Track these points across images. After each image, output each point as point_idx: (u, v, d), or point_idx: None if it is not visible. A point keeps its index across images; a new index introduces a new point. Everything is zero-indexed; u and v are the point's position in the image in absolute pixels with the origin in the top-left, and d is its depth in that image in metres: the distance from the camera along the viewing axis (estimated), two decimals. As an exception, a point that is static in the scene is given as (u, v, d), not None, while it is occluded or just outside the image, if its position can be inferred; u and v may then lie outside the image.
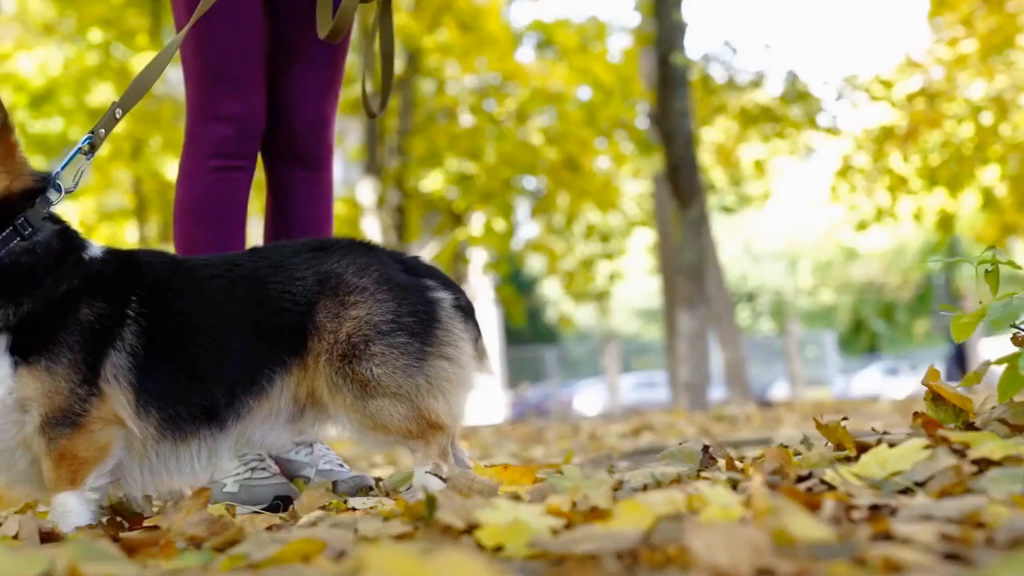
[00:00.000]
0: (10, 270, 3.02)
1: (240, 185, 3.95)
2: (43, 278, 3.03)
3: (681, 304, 17.79)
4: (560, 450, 8.30)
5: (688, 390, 17.61)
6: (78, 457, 3.03)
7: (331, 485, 3.66)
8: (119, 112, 3.48)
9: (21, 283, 3.02)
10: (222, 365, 3.20)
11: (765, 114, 20.63)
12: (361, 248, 3.42)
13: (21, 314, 2.99)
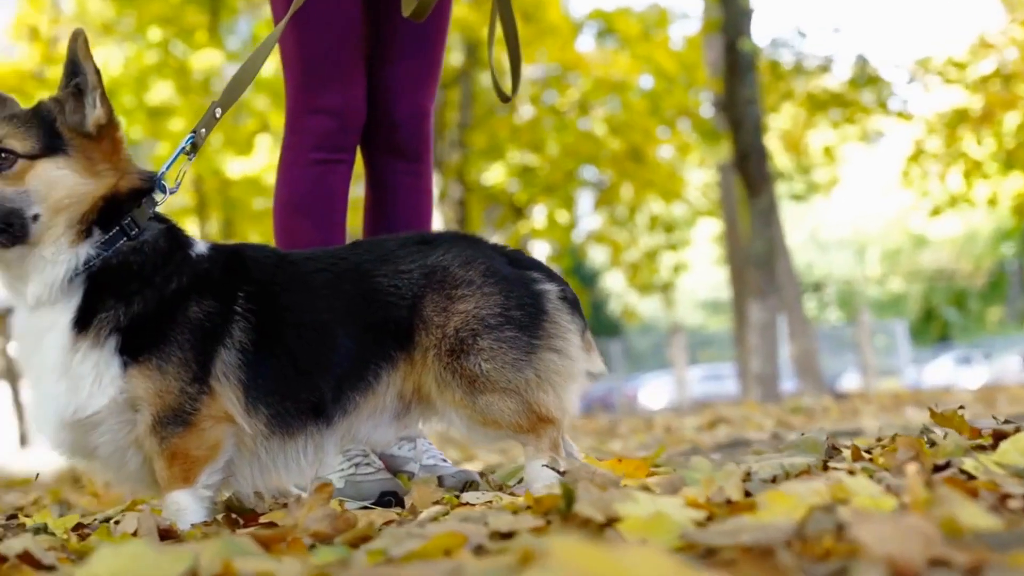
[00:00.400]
0: (119, 270, 3.05)
1: (341, 178, 3.97)
2: (152, 277, 3.06)
3: (751, 294, 17.69)
4: (638, 444, 8.28)
5: (760, 382, 17.51)
6: (190, 455, 3.06)
7: (437, 480, 3.67)
8: (219, 111, 3.51)
9: (130, 283, 3.04)
10: (329, 360, 3.21)
11: (834, 99, 20.43)
12: (465, 241, 3.43)
13: (131, 314, 3.01)
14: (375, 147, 4.10)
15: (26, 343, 3.09)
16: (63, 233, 3.03)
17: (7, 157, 3.00)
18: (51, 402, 3.03)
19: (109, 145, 3.12)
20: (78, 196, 3.04)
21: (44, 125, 3.07)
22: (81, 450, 3.10)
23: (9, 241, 2.97)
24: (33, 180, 3.01)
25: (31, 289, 3.02)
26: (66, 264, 3.02)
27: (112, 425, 3.05)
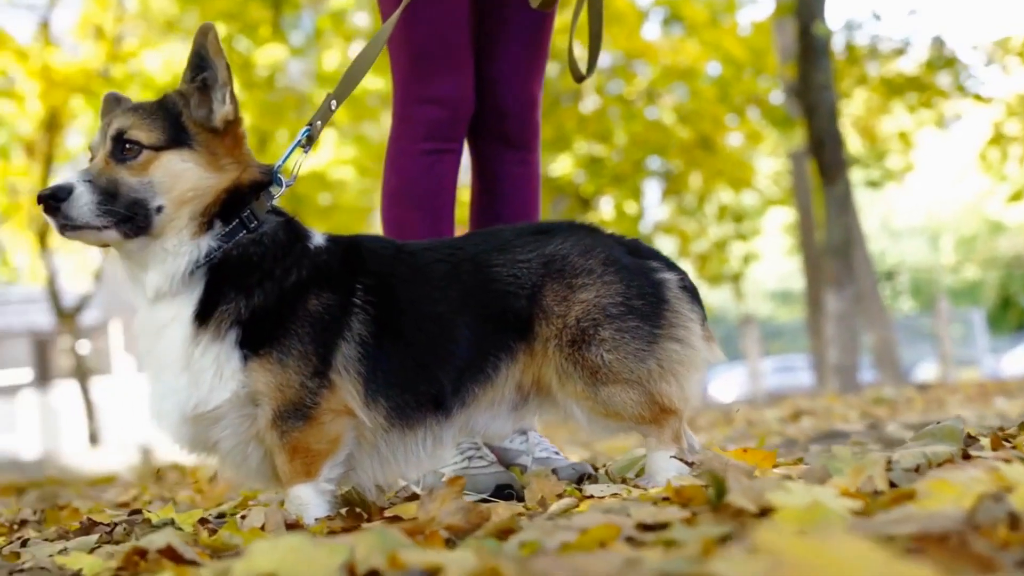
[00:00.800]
0: (239, 262, 3.08)
1: (450, 168, 3.97)
2: (272, 269, 3.08)
3: (827, 284, 17.53)
4: (724, 437, 8.22)
5: (838, 373, 17.34)
6: (311, 449, 3.07)
7: (550, 473, 3.66)
8: (334, 103, 3.52)
9: (250, 275, 3.06)
10: (448, 352, 3.21)
11: (910, 83, 20.18)
12: (583, 229, 3.42)
13: (252, 307, 3.03)
14: (483, 136, 4.10)
15: (146, 337, 3.12)
16: (186, 225, 3.06)
17: (132, 147, 3.04)
18: (172, 396, 3.06)
19: (232, 140, 3.16)
20: (202, 189, 3.07)
21: (169, 118, 3.11)
22: (202, 444, 3.13)
23: (132, 231, 3.00)
24: (157, 171, 3.05)
25: (151, 280, 3.05)
26: (187, 256, 3.05)
27: (233, 419, 3.07)
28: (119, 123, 3.07)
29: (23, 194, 24.56)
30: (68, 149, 25.53)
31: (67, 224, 2.95)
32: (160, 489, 6.70)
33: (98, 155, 3.07)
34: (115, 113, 3.12)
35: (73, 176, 2.98)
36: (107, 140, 3.06)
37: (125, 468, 15.99)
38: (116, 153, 3.05)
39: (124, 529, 3.08)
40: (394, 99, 4.02)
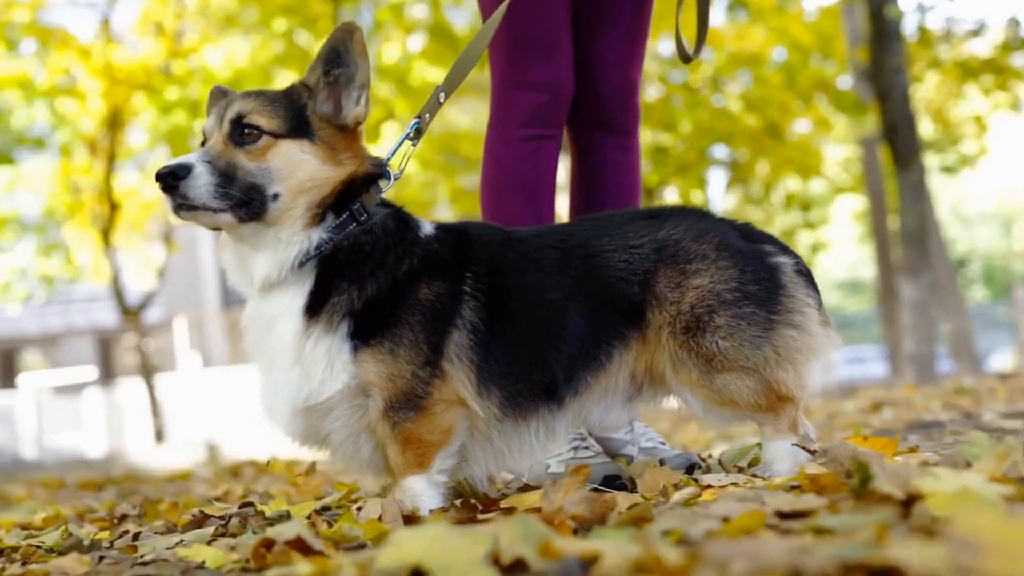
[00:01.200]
0: (350, 253, 3.07)
1: (550, 154, 3.95)
2: (384, 260, 3.07)
3: (902, 272, 17.34)
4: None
5: (914, 363, 17.15)
6: (423, 440, 3.06)
7: (658, 463, 3.63)
8: (442, 96, 3.52)
9: (362, 266, 3.06)
10: (560, 340, 3.18)
11: (985, 66, 19.92)
12: (695, 214, 3.38)
13: (363, 298, 3.02)
14: (583, 122, 4.08)
15: (257, 329, 3.12)
16: (301, 215, 3.06)
17: (252, 132, 3.05)
18: (283, 389, 3.06)
19: (353, 135, 3.18)
20: (319, 180, 3.08)
21: (293, 108, 3.12)
22: (313, 437, 3.13)
23: (248, 216, 3.00)
24: (276, 158, 3.05)
25: (260, 270, 3.05)
26: (299, 246, 3.05)
27: (344, 411, 3.06)
28: (239, 106, 3.08)
29: (86, 192, 24.83)
30: (130, 147, 25.77)
31: (183, 204, 2.94)
32: (239, 483, 6.74)
33: (214, 138, 3.07)
34: (233, 97, 3.13)
35: (192, 156, 2.98)
36: (224, 123, 3.06)
37: (193, 464, 16.13)
38: (234, 136, 3.05)
39: (239, 522, 3.08)
40: (492, 86, 4.00)
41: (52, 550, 3.10)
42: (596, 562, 1.77)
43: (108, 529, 3.86)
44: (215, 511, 3.50)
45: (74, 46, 23.46)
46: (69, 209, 24.84)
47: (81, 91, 23.90)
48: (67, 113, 24.37)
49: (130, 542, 3.11)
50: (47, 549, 3.13)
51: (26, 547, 3.13)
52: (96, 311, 36.83)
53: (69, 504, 6.21)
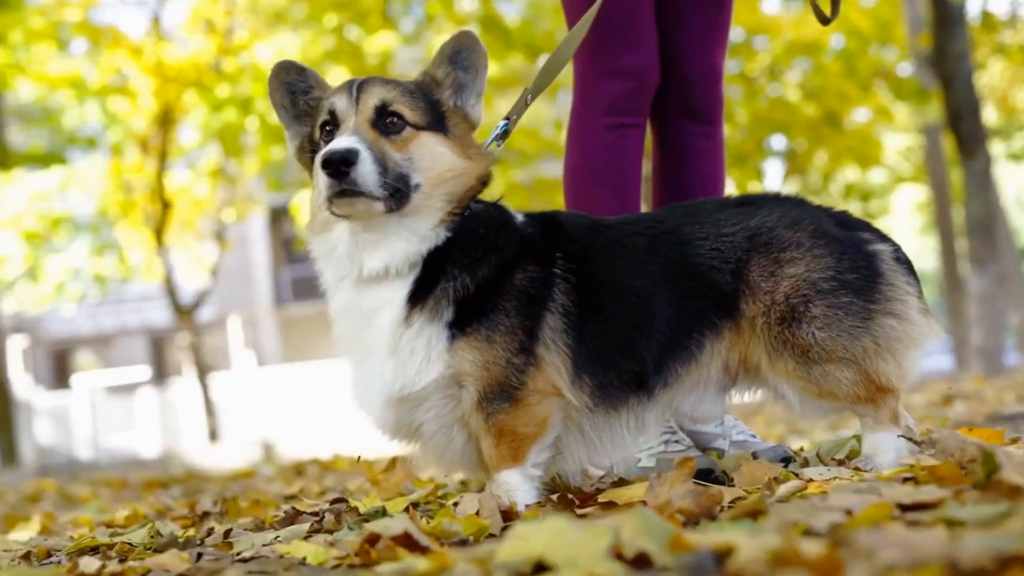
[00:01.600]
0: (456, 245, 3.05)
1: (635, 143, 3.92)
2: (489, 249, 3.06)
3: (969, 263, 17.15)
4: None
5: (982, 355, 16.93)
6: (518, 433, 3.04)
7: (751, 457, 3.60)
8: (529, 97, 3.51)
9: (467, 255, 3.04)
10: (650, 328, 3.16)
11: (1051, 50, 19.67)
12: (789, 201, 3.34)
13: (465, 286, 3.02)
14: (667, 110, 4.04)
15: (351, 321, 3.10)
16: (439, 209, 3.05)
17: (395, 122, 3.03)
18: (377, 380, 3.05)
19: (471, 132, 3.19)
20: (457, 173, 3.06)
21: (429, 101, 3.12)
22: (406, 429, 3.11)
23: (395, 205, 2.97)
24: (418, 150, 3.04)
25: (377, 261, 3.02)
26: (431, 241, 3.03)
27: (437, 401, 3.04)
28: (382, 94, 3.05)
29: (138, 191, 25.01)
30: (181, 145, 25.94)
31: (347, 190, 2.89)
32: (307, 481, 6.76)
33: (353, 121, 3.02)
34: (369, 81, 3.10)
35: (351, 140, 2.92)
36: (367, 108, 3.03)
37: (249, 463, 16.22)
38: (379, 124, 3.03)
39: (334, 518, 3.08)
40: (575, 76, 3.97)
41: (149, 547, 3.11)
42: (731, 555, 1.75)
43: (192, 526, 3.87)
44: (305, 507, 3.50)
45: (125, 44, 23.63)
46: (121, 208, 25.02)
47: (132, 90, 24.07)
48: (118, 112, 24.55)
49: (221, 539, 3.11)
50: (144, 547, 3.14)
51: (121, 544, 3.14)
52: (148, 310, 37.09)
53: (138, 503, 6.25)
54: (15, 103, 27.45)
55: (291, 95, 3.22)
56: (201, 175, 25.90)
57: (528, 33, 23.56)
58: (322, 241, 3.13)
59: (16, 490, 11.15)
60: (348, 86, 3.10)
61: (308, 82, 3.22)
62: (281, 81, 3.22)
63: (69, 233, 25.17)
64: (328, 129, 3.07)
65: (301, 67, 3.23)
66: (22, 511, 7.43)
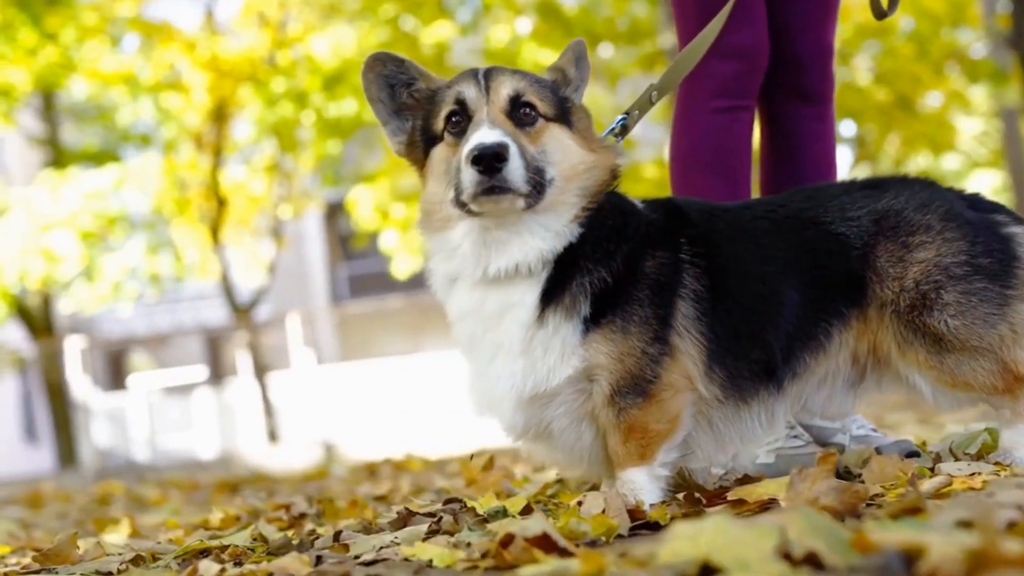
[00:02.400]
0: (588, 238, 3.00)
1: (745, 127, 3.85)
2: (619, 239, 3.01)
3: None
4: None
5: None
6: (648, 430, 2.98)
7: (874, 452, 3.52)
8: (655, 96, 3.45)
9: (599, 247, 2.99)
10: (778, 316, 3.10)
11: None
12: (918, 183, 3.26)
13: (599, 279, 2.96)
14: (776, 90, 3.97)
15: (476, 322, 3.04)
16: (573, 204, 2.99)
17: (530, 114, 2.99)
18: (506, 381, 3.00)
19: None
20: (588, 166, 3.01)
21: (554, 92, 3.08)
22: (535, 428, 3.06)
23: (534, 201, 2.92)
24: (550, 142, 3.00)
25: (503, 261, 2.96)
26: (565, 238, 2.97)
27: (569, 396, 2.99)
28: (514, 84, 3.01)
29: (192, 188, 25.13)
30: (235, 141, 26.05)
31: (496, 187, 2.83)
32: (388, 481, 6.73)
33: (484, 112, 2.96)
34: (501, 72, 3.05)
35: (497, 133, 2.86)
36: (500, 99, 2.98)
37: (311, 464, 16.26)
38: (514, 115, 2.98)
39: (451, 518, 3.03)
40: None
41: (270, 552, 3.08)
42: (922, 556, 1.68)
43: (288, 528, 3.84)
44: (417, 507, 3.45)
45: (179, 39, 23.75)
46: (176, 206, 25.14)
47: (186, 85, 24.20)
48: (172, 108, 24.70)
49: (332, 541, 3.07)
50: (257, 550, 3.11)
51: (234, 548, 3.11)
52: (204, 309, 37.33)
53: (214, 505, 6.24)
54: (68, 101, 27.72)
55: (389, 88, 3.16)
56: (256, 171, 25.98)
57: (588, 21, 23.43)
58: (442, 239, 3.06)
59: (83, 492, 11.23)
60: (473, 75, 3.04)
61: (409, 73, 3.15)
62: (378, 74, 3.15)
63: (125, 232, 25.32)
64: (455, 120, 3.00)
65: (400, 58, 3.16)
66: (95, 514, 7.46)
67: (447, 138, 3.01)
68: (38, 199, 23.90)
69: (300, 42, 24.41)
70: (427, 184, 3.07)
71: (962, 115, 26.83)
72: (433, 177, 3.03)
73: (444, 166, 3.00)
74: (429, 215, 3.07)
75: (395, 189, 25.65)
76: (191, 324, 37.45)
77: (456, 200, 2.92)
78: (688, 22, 3.87)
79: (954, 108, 25.33)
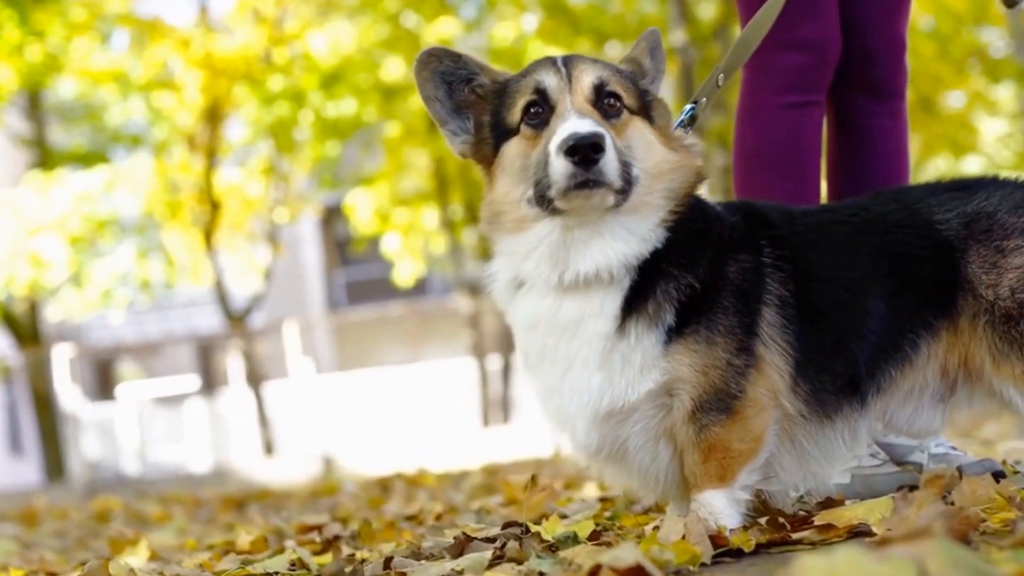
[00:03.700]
0: (671, 243, 2.88)
1: (814, 123, 3.75)
2: (703, 242, 2.90)
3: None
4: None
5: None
6: (731, 449, 2.87)
7: (956, 471, 3.40)
8: (721, 78, 3.34)
9: (682, 252, 2.88)
10: (863, 326, 2.99)
11: None
12: (1009, 184, 3.15)
13: (684, 287, 2.85)
14: (846, 85, 3.85)
15: (549, 331, 2.91)
16: (660, 206, 2.88)
17: (616, 105, 2.89)
18: (582, 396, 2.88)
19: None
20: (672, 165, 2.91)
21: (636, 85, 2.98)
22: (609, 447, 2.94)
23: (623, 199, 2.80)
24: (635, 136, 2.89)
25: (584, 264, 2.83)
26: (651, 243, 2.85)
27: (647, 411, 2.89)
28: (598, 72, 2.90)
29: (185, 191, 25.02)
30: (229, 142, 25.95)
31: (590, 180, 2.72)
32: (400, 504, 6.62)
33: (568, 101, 2.84)
34: (582, 60, 2.94)
35: (590, 122, 2.75)
36: (585, 88, 2.86)
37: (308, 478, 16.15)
38: (600, 105, 2.86)
39: (517, 545, 2.90)
40: None
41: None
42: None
43: (322, 552, 3.73)
44: (473, 531, 3.32)
45: (171, 36, 23.66)
46: (168, 209, 25.03)
47: (178, 84, 24.13)
48: (164, 108, 24.61)
49: (382, 569, 2.95)
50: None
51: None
52: (196, 317, 37.17)
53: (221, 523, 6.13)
54: (55, 100, 27.58)
55: (447, 85, 3.02)
56: (251, 173, 25.88)
57: (596, 18, 23.39)
58: (515, 240, 2.92)
59: (78, 508, 11.12)
60: (552, 63, 2.93)
61: (469, 68, 3.02)
62: (433, 71, 3.01)
63: (115, 236, 25.20)
64: (535, 111, 2.88)
65: (456, 53, 3.03)
66: (95, 532, 7.36)
67: (525, 131, 2.88)
68: (24, 201, 23.79)
69: (297, 39, 24.32)
70: (497, 182, 2.94)
71: (985, 116, 26.71)
72: (506, 174, 2.90)
73: (521, 161, 2.87)
74: (499, 215, 2.93)
75: (395, 192, 25.56)
76: (182, 332, 37.30)
77: (537, 197, 2.80)
78: (753, 8, 3.74)
79: (977, 108, 25.25)
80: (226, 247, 26.47)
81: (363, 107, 24.14)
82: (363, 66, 23.78)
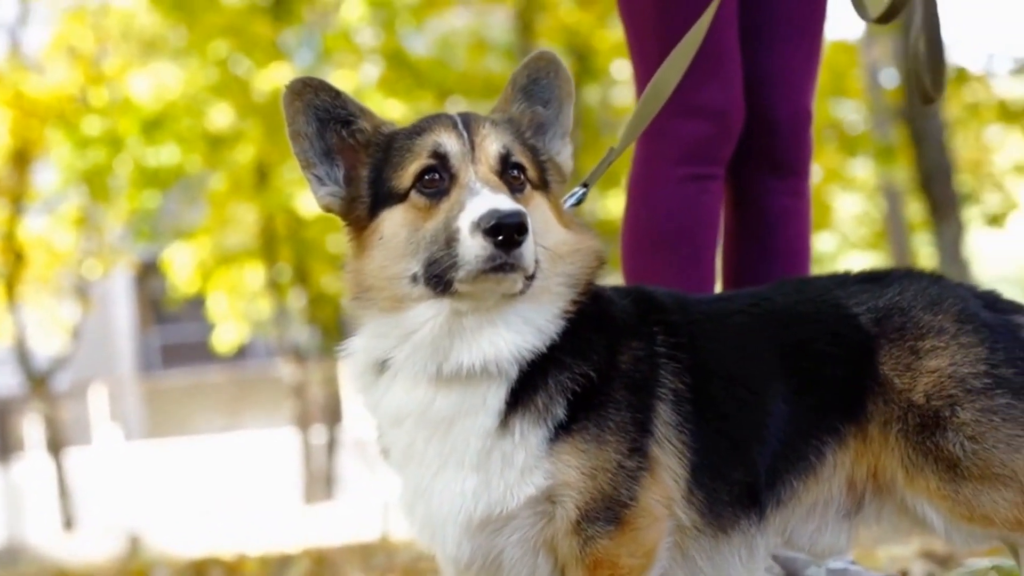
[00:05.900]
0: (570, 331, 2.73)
1: (713, 199, 3.66)
2: (594, 329, 2.76)
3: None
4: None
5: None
6: (619, 565, 2.71)
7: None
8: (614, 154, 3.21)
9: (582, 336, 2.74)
10: (763, 428, 2.86)
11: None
12: (925, 277, 3.06)
13: (589, 373, 2.70)
14: (747, 159, 3.77)
15: (420, 427, 2.73)
16: (560, 295, 2.74)
17: (519, 177, 2.74)
18: (454, 501, 2.71)
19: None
20: (572, 247, 2.77)
21: (535, 153, 2.83)
22: (483, 559, 2.76)
23: (529, 284, 2.64)
24: (535, 214, 2.70)
25: (468, 356, 2.66)
26: (547, 336, 2.70)
27: (525, 519, 2.72)
28: (502, 139, 2.73)
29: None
30: (38, 188, 25.43)
31: (507, 264, 2.54)
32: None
33: (472, 172, 2.66)
34: (482, 122, 2.76)
35: (510, 201, 2.57)
36: (489, 156, 2.70)
37: (111, 558, 15.64)
38: (506, 178, 2.69)
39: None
40: None
41: None
42: None
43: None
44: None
45: (-22, 74, 23.16)
46: (-33, 259, 24.45)
47: (-18, 124, 23.57)
48: (-36, 150, 24.03)
49: None
50: None
51: None
52: (-10, 376, 36.23)
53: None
54: None
55: (319, 123, 2.81)
56: (61, 222, 25.33)
57: (440, 71, 23.45)
58: (389, 321, 2.72)
59: None
60: (450, 122, 2.75)
61: (348, 109, 2.82)
62: (307, 103, 2.79)
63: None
64: (431, 178, 2.68)
65: (335, 89, 2.82)
66: None
67: (416, 199, 2.68)
68: None
69: (117, 80, 23.88)
70: (371, 252, 2.72)
71: (840, 191, 27.39)
72: (384, 244, 2.69)
73: (407, 233, 2.68)
74: (370, 291, 2.73)
75: (219, 248, 25.18)
76: (-27, 393, 36.30)
77: (429, 277, 2.61)
78: (650, 65, 3.58)
79: (831, 184, 25.83)
80: (30, 302, 25.88)
81: (186, 156, 23.78)
82: (188, 112, 23.40)
